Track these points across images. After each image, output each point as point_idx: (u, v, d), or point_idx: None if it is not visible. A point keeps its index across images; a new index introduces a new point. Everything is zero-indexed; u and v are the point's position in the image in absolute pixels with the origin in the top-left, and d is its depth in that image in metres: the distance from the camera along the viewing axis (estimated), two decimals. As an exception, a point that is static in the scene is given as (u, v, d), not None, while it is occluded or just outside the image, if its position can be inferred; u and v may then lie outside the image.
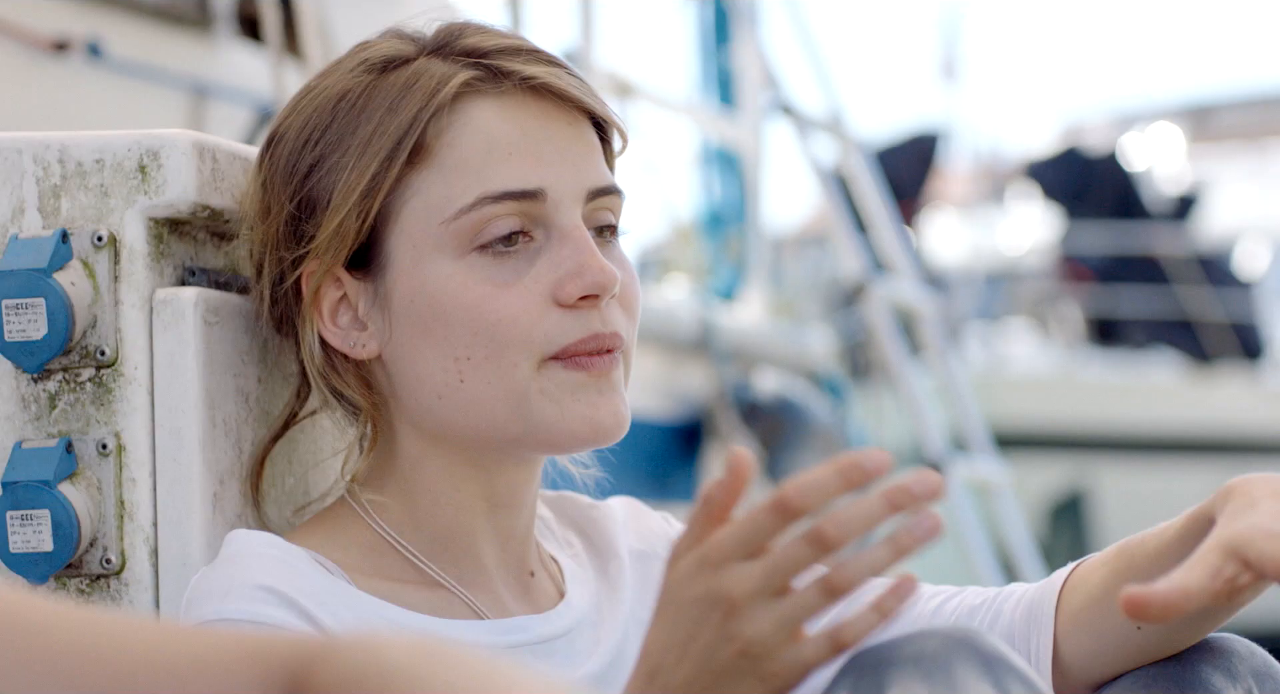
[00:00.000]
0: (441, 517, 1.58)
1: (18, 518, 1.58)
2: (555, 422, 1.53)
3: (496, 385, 1.53)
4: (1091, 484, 11.08)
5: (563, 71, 1.57)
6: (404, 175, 1.54)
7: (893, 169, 10.03)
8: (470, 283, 1.53)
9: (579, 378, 1.53)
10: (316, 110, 1.57)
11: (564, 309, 1.53)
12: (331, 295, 1.57)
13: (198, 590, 1.50)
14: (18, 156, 1.62)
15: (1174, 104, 19.75)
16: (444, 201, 1.53)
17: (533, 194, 1.53)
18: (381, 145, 1.54)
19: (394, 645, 0.94)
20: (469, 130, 1.54)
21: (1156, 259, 12.02)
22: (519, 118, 1.55)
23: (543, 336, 1.53)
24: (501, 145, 1.54)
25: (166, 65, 4.26)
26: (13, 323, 1.58)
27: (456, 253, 1.53)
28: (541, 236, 1.54)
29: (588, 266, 1.52)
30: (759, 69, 5.71)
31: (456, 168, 1.54)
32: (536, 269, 1.53)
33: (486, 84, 1.55)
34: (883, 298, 5.11)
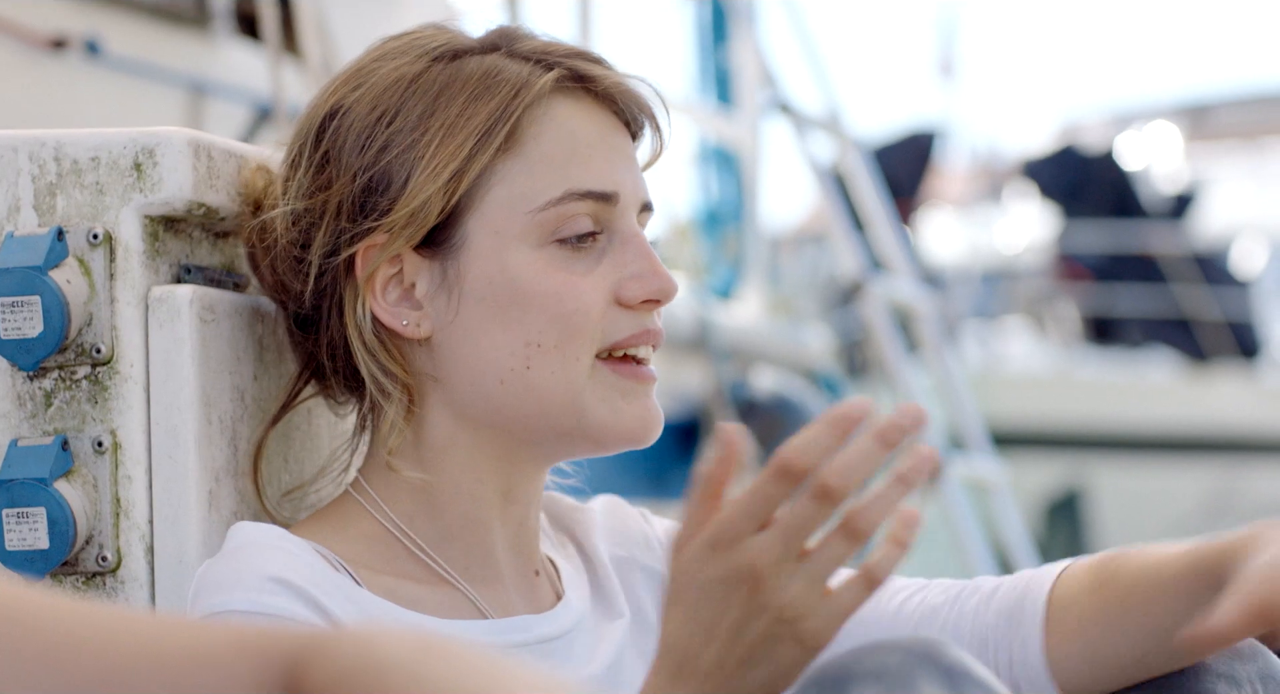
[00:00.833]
0: (458, 506, 1.59)
1: (13, 516, 1.58)
2: (609, 421, 1.57)
3: (559, 375, 1.56)
4: (1088, 483, 11.08)
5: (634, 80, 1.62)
6: (492, 162, 1.56)
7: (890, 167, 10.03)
8: (550, 271, 1.56)
9: (629, 384, 1.58)
10: (385, 89, 1.58)
11: (623, 309, 1.58)
12: (384, 272, 1.57)
13: (205, 581, 1.50)
14: (13, 154, 1.62)
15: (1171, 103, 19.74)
16: (531, 192, 1.56)
17: (609, 197, 1.58)
18: (473, 129, 1.56)
19: (391, 640, 0.94)
20: (555, 126, 1.58)
21: (1153, 258, 12.02)
22: (595, 121, 1.60)
23: (600, 332, 1.57)
24: (584, 146, 1.58)
25: (164, 63, 4.26)
26: (8, 320, 1.58)
27: (537, 242, 1.56)
28: (604, 239, 1.59)
29: (655, 273, 1.58)
30: (757, 67, 5.71)
31: (542, 161, 1.57)
32: (603, 266, 1.58)
33: (573, 85, 1.59)
34: (880, 296, 5.11)
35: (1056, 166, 12.79)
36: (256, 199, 1.65)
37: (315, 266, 1.58)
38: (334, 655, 0.94)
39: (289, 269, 1.60)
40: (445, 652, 0.94)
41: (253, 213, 1.65)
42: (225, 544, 1.53)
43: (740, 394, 5.08)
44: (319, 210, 1.58)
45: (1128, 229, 12.13)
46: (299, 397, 1.65)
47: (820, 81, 5.63)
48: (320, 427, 1.75)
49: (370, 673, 0.93)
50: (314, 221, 1.58)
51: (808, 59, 5.66)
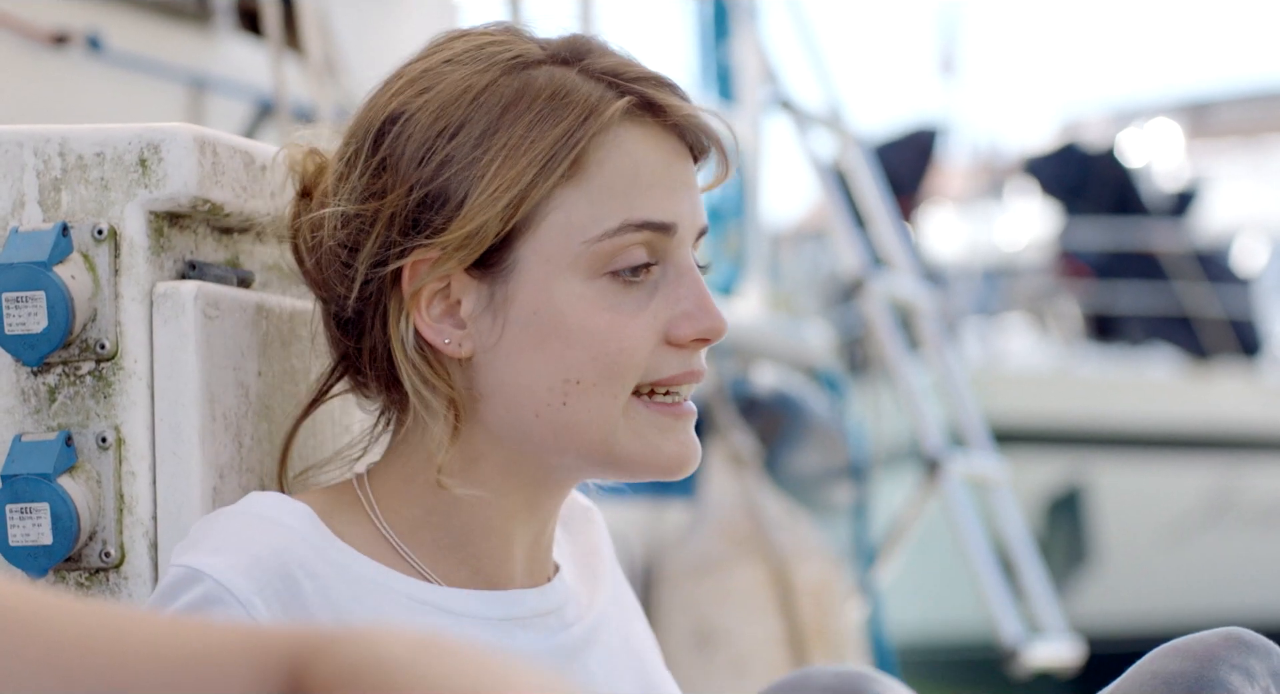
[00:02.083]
0: (480, 516, 1.58)
1: (17, 511, 1.58)
2: (644, 456, 1.56)
3: (595, 413, 1.54)
4: (1089, 480, 11.08)
5: (705, 112, 1.59)
6: (554, 188, 1.53)
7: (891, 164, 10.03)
8: (599, 308, 1.53)
9: (667, 420, 1.56)
10: (451, 100, 1.54)
11: (670, 347, 1.55)
12: (431, 287, 1.55)
13: (197, 532, 1.50)
14: (18, 149, 1.62)
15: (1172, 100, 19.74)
16: (588, 221, 1.53)
17: (667, 227, 1.55)
18: (537, 154, 1.52)
19: (393, 639, 0.94)
20: (620, 155, 1.54)
21: (1154, 255, 12.03)
22: (661, 150, 1.56)
23: (642, 370, 1.55)
24: (645, 175, 1.55)
25: (166, 59, 4.26)
26: (13, 316, 1.58)
27: (589, 274, 1.53)
28: (658, 271, 1.56)
29: (706, 311, 1.55)
30: (758, 64, 5.71)
31: (604, 190, 1.53)
32: (655, 303, 1.55)
33: (642, 112, 1.56)
34: (881, 293, 5.11)
35: (1058, 164, 12.79)
36: (306, 186, 1.62)
37: (361, 274, 1.56)
38: (336, 654, 0.94)
39: (335, 271, 1.57)
40: (447, 650, 0.93)
41: (300, 198, 1.62)
42: (236, 504, 1.53)
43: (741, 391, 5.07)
44: (370, 217, 1.55)
45: (1129, 226, 12.13)
46: (330, 392, 1.64)
47: (821, 78, 5.62)
48: (325, 422, 1.75)
49: (373, 671, 0.93)
50: (364, 228, 1.55)
51: (809, 55, 5.66)
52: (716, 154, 1.61)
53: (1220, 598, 11.58)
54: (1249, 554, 11.71)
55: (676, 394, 1.57)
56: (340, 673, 0.94)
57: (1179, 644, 1.63)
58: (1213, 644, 1.60)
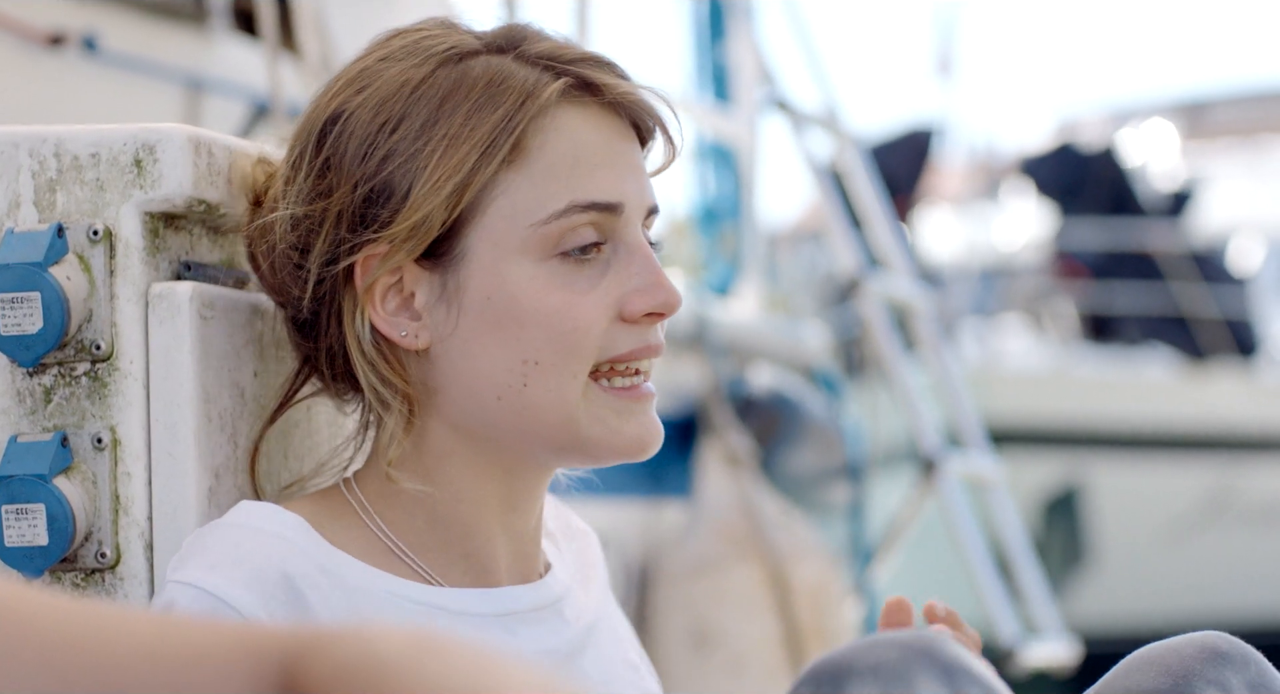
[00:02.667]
0: (459, 515, 1.59)
1: (13, 512, 1.58)
2: (605, 439, 1.57)
3: (555, 394, 1.55)
4: (1086, 480, 11.08)
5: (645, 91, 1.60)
6: (496, 174, 1.54)
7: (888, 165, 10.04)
8: (550, 288, 1.54)
9: (624, 403, 1.57)
10: (389, 96, 1.55)
11: (625, 323, 1.56)
12: (384, 281, 1.56)
13: (191, 548, 1.51)
14: (13, 150, 1.62)
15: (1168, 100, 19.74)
16: (534, 204, 1.54)
17: (614, 207, 1.56)
18: (476, 141, 1.53)
19: (388, 637, 0.94)
20: (561, 136, 1.55)
21: (1151, 255, 12.03)
22: (602, 130, 1.57)
23: (599, 348, 1.55)
24: (589, 156, 1.56)
25: (162, 60, 4.26)
26: (8, 317, 1.58)
27: (538, 256, 1.54)
28: (609, 250, 1.57)
29: (659, 285, 1.56)
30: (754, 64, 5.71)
31: (547, 172, 1.55)
32: (607, 281, 1.56)
33: (580, 93, 1.57)
34: (878, 293, 5.11)
35: (1054, 164, 12.79)
36: (257, 194, 1.64)
37: (314, 274, 1.57)
38: (331, 653, 0.94)
39: (288, 273, 1.59)
40: (442, 649, 0.93)
41: (253, 207, 1.64)
42: (225, 516, 1.53)
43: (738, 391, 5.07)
44: (319, 218, 1.56)
45: (1125, 227, 12.13)
46: (296, 395, 1.64)
47: (818, 79, 5.62)
48: (320, 423, 1.74)
49: (368, 670, 0.93)
50: (313, 228, 1.57)
51: (805, 56, 5.66)
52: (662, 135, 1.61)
53: (1217, 598, 11.59)
54: (1246, 554, 11.71)
55: (634, 375, 1.57)
56: (335, 671, 0.94)
57: (1153, 655, 1.60)
58: (1188, 656, 1.58)
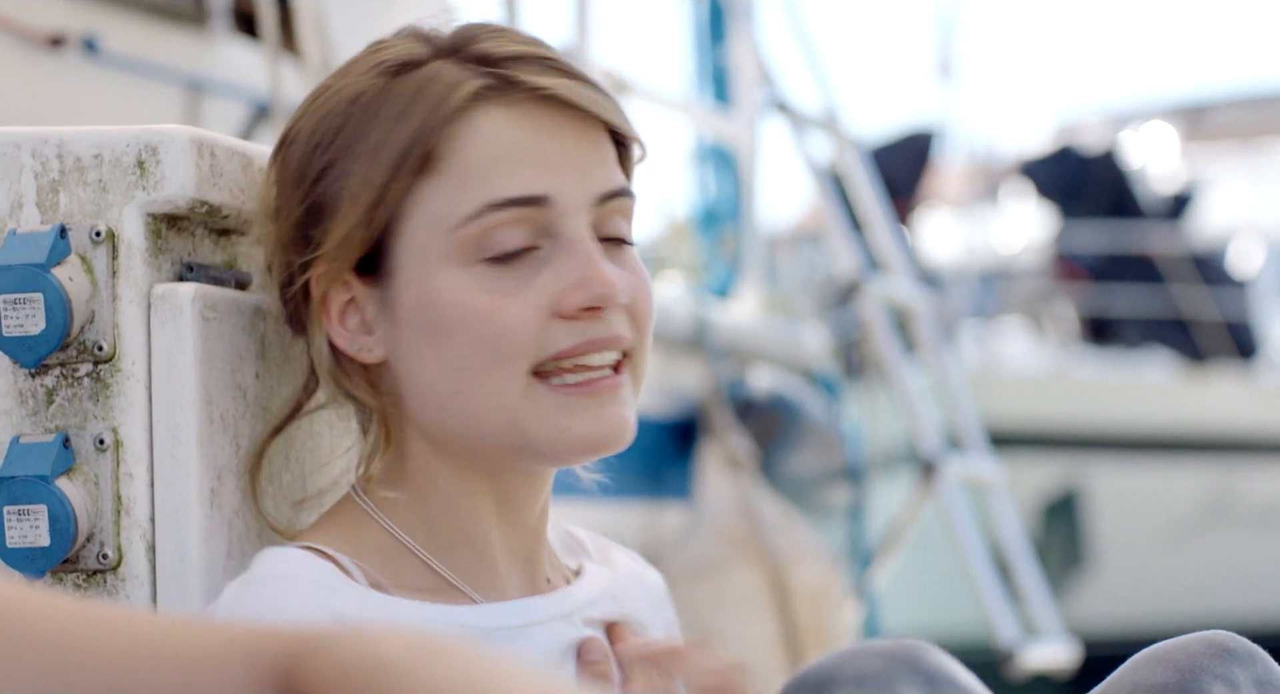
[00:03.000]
0: (454, 520, 1.58)
1: (14, 513, 1.58)
2: (554, 439, 1.54)
3: (491, 399, 1.53)
4: (1085, 483, 11.08)
5: (576, 82, 1.56)
6: (412, 184, 1.53)
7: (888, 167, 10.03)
8: (474, 293, 1.52)
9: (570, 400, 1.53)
10: (329, 113, 1.56)
11: (564, 320, 1.53)
12: (340, 298, 1.57)
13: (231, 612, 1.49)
14: (16, 151, 1.62)
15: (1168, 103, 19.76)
16: (450, 210, 1.53)
17: (537, 200, 1.53)
18: (390, 153, 1.53)
19: (387, 639, 0.94)
20: (477, 139, 1.54)
21: (1151, 258, 12.03)
22: (527, 125, 1.54)
23: (536, 347, 1.52)
24: (507, 153, 1.53)
25: (162, 61, 4.26)
26: (10, 318, 1.58)
27: (462, 262, 1.53)
28: (549, 246, 1.54)
29: (590, 278, 1.52)
30: (754, 66, 5.71)
31: (463, 176, 1.53)
32: (541, 279, 1.53)
33: (496, 92, 1.54)
34: (877, 296, 5.11)
35: (1054, 167, 12.80)
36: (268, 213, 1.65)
37: (277, 294, 1.60)
38: (331, 654, 0.94)
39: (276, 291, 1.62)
40: (442, 650, 0.94)
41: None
42: (252, 569, 1.52)
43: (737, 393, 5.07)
44: (272, 241, 1.59)
45: (1125, 229, 12.14)
46: (304, 408, 1.64)
47: (818, 81, 5.62)
48: (321, 427, 1.75)
49: (368, 671, 0.93)
50: (272, 250, 1.60)
51: (806, 58, 5.66)
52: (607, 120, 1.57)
53: (1217, 600, 11.59)
54: (1245, 556, 11.71)
55: (588, 371, 1.54)
56: (335, 673, 0.94)
57: (1160, 652, 1.60)
58: (1195, 652, 1.58)
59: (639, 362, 1.57)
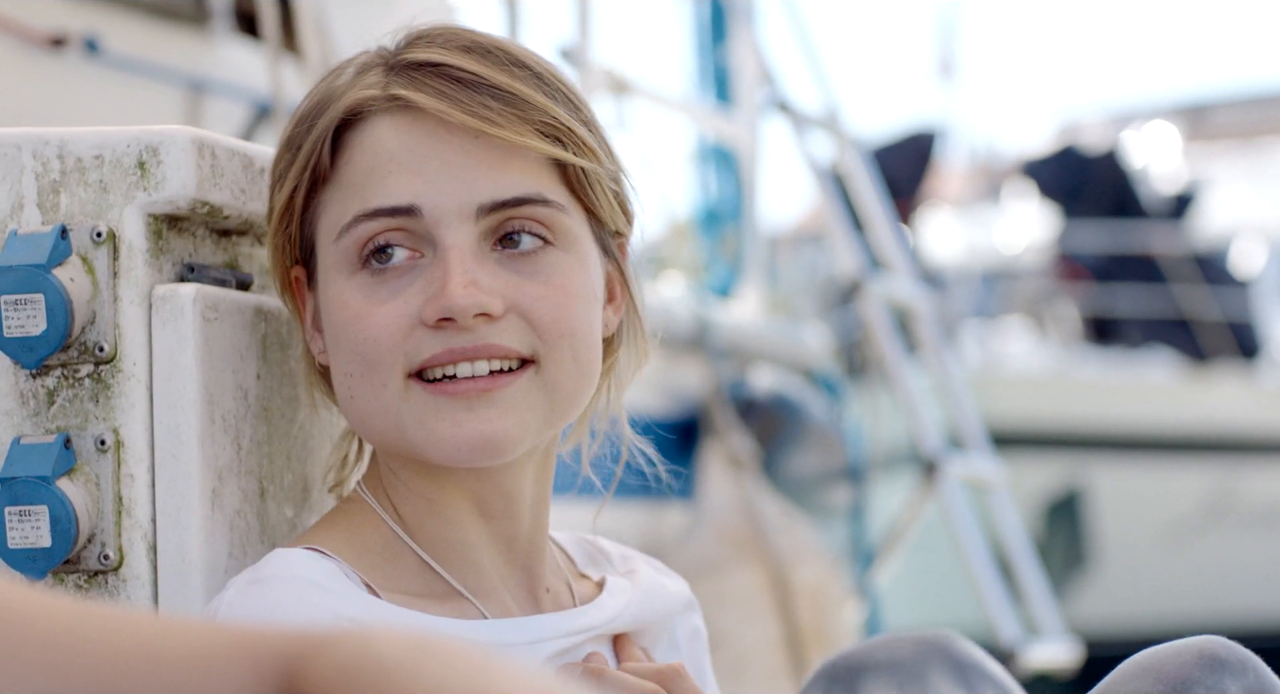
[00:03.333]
0: (433, 524, 1.59)
1: (15, 514, 1.58)
2: (424, 442, 1.54)
3: (374, 402, 1.55)
4: (1087, 483, 11.08)
5: (474, 93, 1.54)
6: (314, 195, 1.57)
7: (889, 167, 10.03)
8: (350, 301, 1.54)
9: (441, 401, 1.53)
10: (292, 118, 1.61)
11: (430, 329, 1.53)
12: (311, 301, 1.62)
13: (235, 609, 1.49)
14: (17, 152, 1.62)
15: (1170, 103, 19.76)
16: (335, 220, 1.56)
17: (406, 210, 1.53)
18: (299, 164, 1.57)
19: (389, 640, 0.94)
20: (360, 150, 1.56)
21: (1153, 258, 12.03)
22: (407, 134, 1.55)
23: (404, 355, 1.53)
24: (383, 163, 1.54)
25: (163, 61, 4.26)
26: (11, 318, 1.58)
27: (347, 271, 1.55)
28: (429, 254, 1.54)
29: (443, 291, 1.52)
30: (756, 66, 5.71)
31: (347, 187, 1.55)
32: (414, 288, 1.54)
33: (380, 102, 1.56)
34: (879, 296, 5.11)
35: (1056, 167, 12.79)
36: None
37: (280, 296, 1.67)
38: (332, 655, 0.94)
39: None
40: (442, 650, 0.93)
41: None
42: (258, 569, 1.52)
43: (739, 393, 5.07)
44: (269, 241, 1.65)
45: (1127, 229, 12.13)
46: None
47: (819, 81, 5.62)
48: (323, 426, 1.75)
49: (368, 673, 0.93)
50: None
51: (807, 58, 5.66)
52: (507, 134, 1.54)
53: (1218, 600, 11.59)
54: (1247, 556, 11.71)
55: (453, 375, 1.53)
56: (335, 673, 0.94)
57: (1150, 661, 1.59)
58: (1185, 663, 1.57)
59: (550, 370, 1.55)
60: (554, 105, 1.56)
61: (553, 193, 1.56)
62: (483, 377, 1.53)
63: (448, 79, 1.55)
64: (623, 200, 1.63)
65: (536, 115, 1.55)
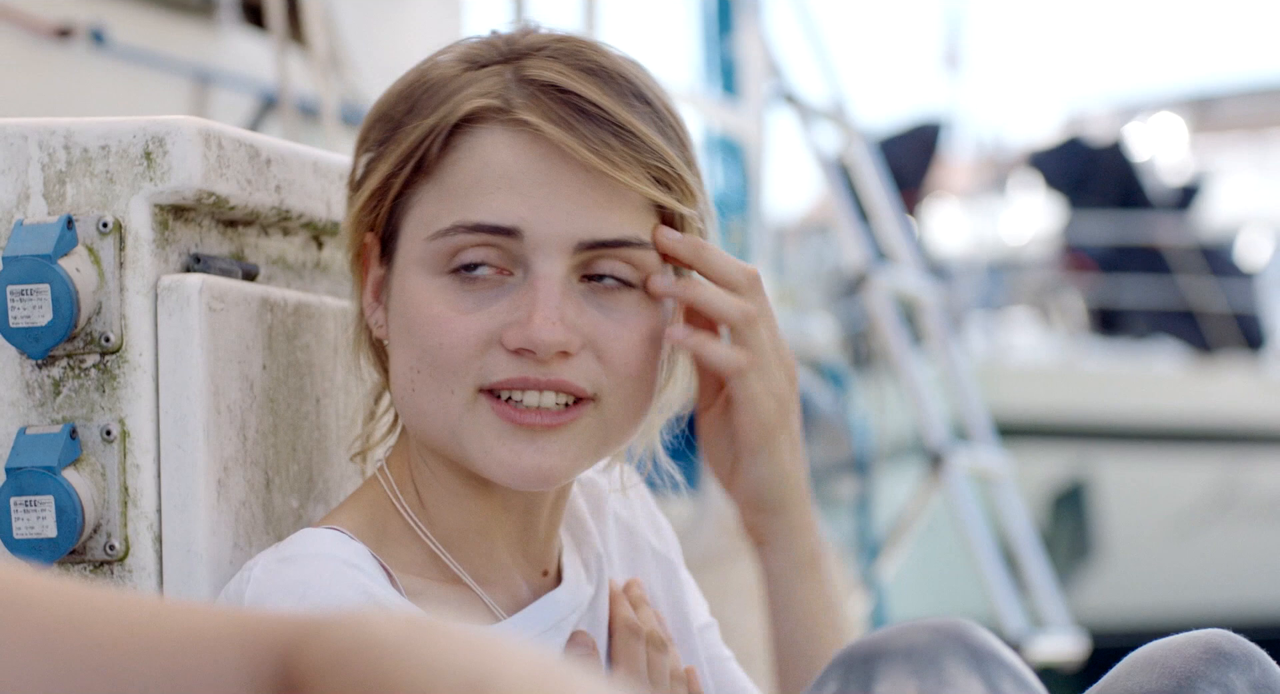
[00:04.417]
0: (453, 512, 1.59)
1: (21, 504, 1.58)
2: (479, 458, 1.55)
3: (436, 404, 1.55)
4: (1093, 474, 11.07)
5: (594, 128, 1.53)
6: (413, 181, 1.56)
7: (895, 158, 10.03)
8: (433, 302, 1.54)
9: (505, 425, 1.54)
10: (393, 92, 1.59)
11: (506, 351, 1.53)
12: (375, 272, 1.60)
13: (265, 586, 1.50)
14: (23, 142, 1.62)
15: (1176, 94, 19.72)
16: (432, 219, 1.55)
17: (507, 231, 1.53)
18: (403, 147, 1.56)
19: (385, 622, 0.94)
20: (470, 156, 1.55)
21: (1158, 249, 12.01)
22: (523, 154, 1.54)
23: (478, 369, 1.54)
24: (492, 177, 1.54)
25: (170, 52, 4.26)
26: (18, 309, 1.58)
27: (433, 270, 1.55)
28: (520, 274, 1.54)
29: (531, 323, 1.52)
30: (762, 58, 5.70)
31: (450, 190, 1.54)
32: (499, 306, 1.54)
33: (500, 115, 1.55)
34: (885, 287, 5.10)
35: (1062, 158, 12.78)
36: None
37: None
38: (328, 638, 0.94)
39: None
40: (438, 631, 0.94)
41: None
42: (286, 547, 1.53)
43: (745, 385, 5.06)
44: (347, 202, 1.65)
45: (1133, 220, 12.12)
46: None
47: (826, 72, 5.62)
48: (329, 416, 1.75)
49: (365, 655, 0.93)
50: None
51: (813, 49, 5.65)
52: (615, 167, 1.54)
53: (1224, 592, 11.58)
54: (1253, 548, 11.71)
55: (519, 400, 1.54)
56: (332, 656, 0.94)
57: (1155, 655, 1.59)
58: (1190, 657, 1.57)
59: (609, 409, 1.56)
60: (668, 148, 1.57)
61: (648, 235, 1.57)
62: (549, 411, 1.54)
63: (571, 108, 1.54)
64: (703, 237, 1.63)
65: (652, 159, 1.55)
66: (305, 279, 1.79)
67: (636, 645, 1.64)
